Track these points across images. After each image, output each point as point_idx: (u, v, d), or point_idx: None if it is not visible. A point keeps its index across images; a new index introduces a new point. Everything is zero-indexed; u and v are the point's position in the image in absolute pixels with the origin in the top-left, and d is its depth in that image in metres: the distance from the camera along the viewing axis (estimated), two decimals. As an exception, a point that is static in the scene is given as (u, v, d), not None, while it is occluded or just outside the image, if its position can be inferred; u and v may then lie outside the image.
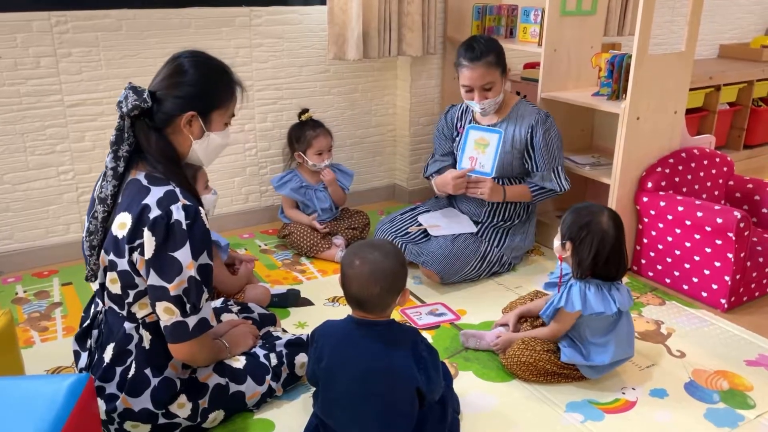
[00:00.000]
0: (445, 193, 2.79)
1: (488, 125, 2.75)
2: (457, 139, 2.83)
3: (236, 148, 3.17)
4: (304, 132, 3.03)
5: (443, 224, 2.78)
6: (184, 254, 1.58)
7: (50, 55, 2.64)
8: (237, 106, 1.81)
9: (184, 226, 1.58)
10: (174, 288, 1.58)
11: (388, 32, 3.17)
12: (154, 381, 1.69)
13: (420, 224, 2.81)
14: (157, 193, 1.61)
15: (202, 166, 1.85)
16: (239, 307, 2.18)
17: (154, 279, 1.59)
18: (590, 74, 3.04)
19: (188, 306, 1.61)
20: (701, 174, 2.80)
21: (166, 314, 1.61)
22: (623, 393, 2.04)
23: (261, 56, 3.10)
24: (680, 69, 2.70)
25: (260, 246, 3.10)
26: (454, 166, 2.85)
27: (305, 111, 3.12)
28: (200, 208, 1.64)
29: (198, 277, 1.61)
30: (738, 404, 1.99)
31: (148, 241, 1.57)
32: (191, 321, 1.63)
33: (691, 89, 2.95)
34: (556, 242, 2.06)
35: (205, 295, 1.65)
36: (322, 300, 2.58)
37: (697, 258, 2.55)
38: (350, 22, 3.06)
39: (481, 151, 2.68)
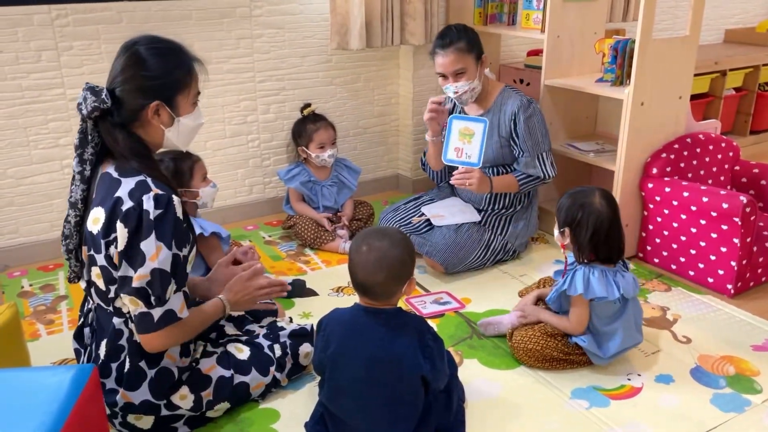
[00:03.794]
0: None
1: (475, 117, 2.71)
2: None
3: (239, 139, 3.17)
4: (305, 126, 3.04)
5: (447, 214, 2.77)
6: (148, 245, 1.56)
7: (51, 49, 2.64)
8: (200, 82, 1.72)
9: (152, 216, 1.56)
10: (136, 280, 1.56)
11: (391, 21, 3.16)
12: (150, 373, 1.68)
13: (423, 214, 2.81)
14: (128, 184, 1.59)
15: (180, 150, 1.80)
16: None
17: (123, 270, 1.57)
18: (594, 60, 3.01)
19: (153, 298, 1.58)
20: (707, 159, 2.78)
21: (132, 305, 1.59)
22: (629, 379, 2.03)
23: (262, 47, 3.09)
24: (685, 53, 2.68)
25: (264, 237, 3.10)
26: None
27: (307, 106, 3.11)
28: (173, 196, 1.61)
29: (163, 268, 1.57)
30: (744, 389, 1.98)
31: (121, 233, 1.55)
32: (156, 313, 1.60)
33: (696, 74, 2.92)
34: (556, 232, 2.06)
35: (173, 287, 1.61)
36: (327, 290, 2.58)
37: (702, 243, 2.54)
38: (352, 12, 3.04)
39: (466, 141, 2.59)
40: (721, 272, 2.51)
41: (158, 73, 1.61)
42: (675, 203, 2.59)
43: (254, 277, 1.89)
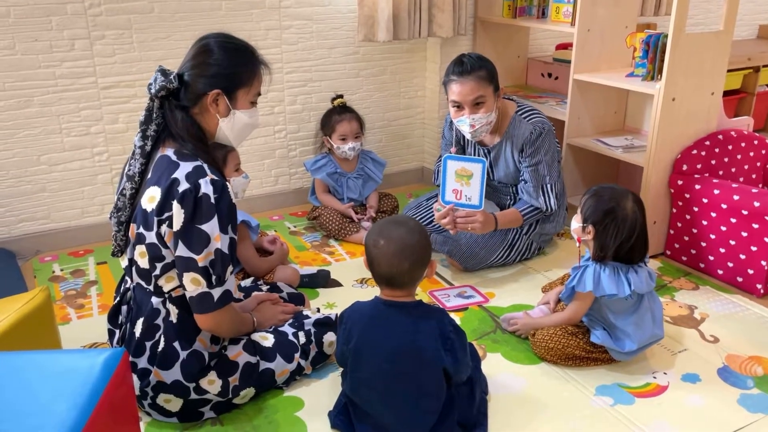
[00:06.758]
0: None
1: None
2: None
3: (266, 130, 3.19)
4: (332, 116, 3.06)
5: None
6: (211, 227, 1.63)
7: (84, 38, 2.68)
8: (263, 86, 1.84)
9: (212, 200, 1.63)
10: (202, 259, 1.63)
11: (419, 13, 3.14)
12: (183, 354, 1.73)
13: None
14: (185, 167, 1.65)
15: (231, 145, 1.88)
16: (268, 287, 2.20)
17: (182, 250, 1.63)
18: (624, 55, 2.97)
19: (214, 277, 1.65)
20: (738, 157, 2.73)
21: (193, 285, 1.65)
22: (654, 377, 2.01)
23: (290, 38, 3.10)
24: (718, 49, 2.63)
25: (289, 228, 3.12)
26: None
27: (338, 96, 3.12)
28: (227, 183, 1.69)
29: (224, 250, 1.65)
30: (773, 391, 1.96)
31: (177, 213, 1.61)
32: (216, 292, 1.67)
33: (729, 70, 2.86)
34: (575, 224, 2.04)
35: (230, 268, 1.69)
36: (351, 281, 2.59)
37: (732, 242, 2.50)
38: (380, 3, 3.04)
39: (464, 183, 2.42)
40: (750, 271, 2.47)
41: (224, 64, 1.72)
42: (705, 201, 2.55)
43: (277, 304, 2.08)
